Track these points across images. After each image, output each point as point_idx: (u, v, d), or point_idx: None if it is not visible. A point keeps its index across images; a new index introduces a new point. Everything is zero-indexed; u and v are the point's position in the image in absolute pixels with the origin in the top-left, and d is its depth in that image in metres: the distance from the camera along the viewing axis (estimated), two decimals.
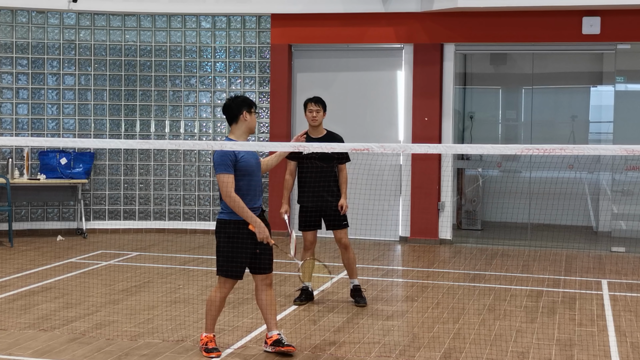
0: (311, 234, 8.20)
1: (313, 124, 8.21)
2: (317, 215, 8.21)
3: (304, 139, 7.46)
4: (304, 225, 8.20)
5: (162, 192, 13.08)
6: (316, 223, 8.24)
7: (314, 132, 8.25)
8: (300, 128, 12.92)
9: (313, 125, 8.23)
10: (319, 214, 8.21)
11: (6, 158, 12.40)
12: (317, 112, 8.18)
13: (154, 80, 13.01)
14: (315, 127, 8.24)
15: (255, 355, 6.50)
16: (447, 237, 12.34)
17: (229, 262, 6.37)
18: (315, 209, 8.19)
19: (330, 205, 8.20)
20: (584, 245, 12.16)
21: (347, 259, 8.36)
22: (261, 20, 12.84)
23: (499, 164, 14.13)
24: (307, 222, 8.20)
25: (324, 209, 8.20)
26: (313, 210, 8.19)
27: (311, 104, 8.21)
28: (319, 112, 8.19)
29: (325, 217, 8.24)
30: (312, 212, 8.19)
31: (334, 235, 8.32)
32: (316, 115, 8.17)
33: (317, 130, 8.25)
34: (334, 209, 8.20)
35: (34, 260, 10.54)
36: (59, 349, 6.59)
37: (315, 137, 8.19)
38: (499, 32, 12.11)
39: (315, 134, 8.24)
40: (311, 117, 8.19)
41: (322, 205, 8.18)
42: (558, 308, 8.26)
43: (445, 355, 6.55)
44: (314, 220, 8.22)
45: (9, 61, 12.61)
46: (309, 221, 8.19)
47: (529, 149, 5.89)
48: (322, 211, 8.20)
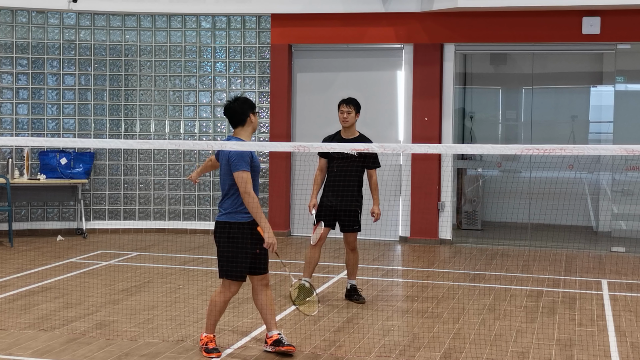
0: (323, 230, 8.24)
1: (344, 124, 8.26)
2: (333, 214, 8.27)
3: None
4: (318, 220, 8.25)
5: (162, 192, 13.08)
6: (330, 222, 8.29)
7: (345, 133, 8.32)
8: (300, 128, 12.94)
9: (344, 127, 8.28)
10: (335, 213, 8.26)
11: (6, 158, 12.40)
12: (349, 114, 8.21)
13: (154, 80, 13.01)
14: (347, 128, 8.29)
15: (255, 355, 6.50)
16: (447, 237, 12.34)
17: (232, 264, 6.35)
18: (332, 208, 8.25)
19: (347, 208, 8.25)
20: (584, 245, 12.16)
21: (352, 259, 8.44)
22: (261, 20, 12.84)
23: (499, 164, 14.13)
24: (321, 219, 8.25)
25: (340, 209, 8.25)
26: (330, 209, 8.25)
27: (343, 105, 8.27)
28: (350, 114, 8.22)
29: (339, 219, 8.30)
30: (329, 211, 8.25)
31: (344, 237, 8.40)
32: (347, 117, 8.21)
33: (349, 131, 8.30)
34: (350, 211, 8.26)
35: (34, 260, 10.54)
36: (59, 349, 6.59)
37: (347, 139, 8.25)
38: (499, 32, 12.11)
39: (347, 135, 8.30)
40: (342, 117, 8.24)
41: (339, 205, 8.24)
42: (558, 308, 8.26)
43: (445, 355, 6.55)
44: (329, 218, 8.27)
45: (9, 61, 12.61)
46: (324, 219, 8.25)
47: (529, 149, 5.89)
48: (339, 212, 8.25)
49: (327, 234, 8.32)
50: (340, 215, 8.27)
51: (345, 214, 8.25)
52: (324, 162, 8.37)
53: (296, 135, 12.98)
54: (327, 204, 8.28)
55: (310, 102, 12.90)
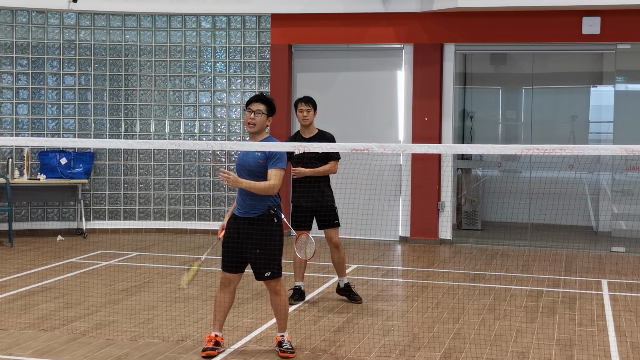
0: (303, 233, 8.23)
1: (304, 123, 8.30)
2: (310, 215, 8.27)
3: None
4: (297, 225, 8.25)
5: (162, 192, 13.07)
6: (309, 223, 8.30)
7: (305, 132, 8.35)
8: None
9: (304, 125, 8.31)
10: (311, 213, 8.27)
11: (6, 158, 12.40)
12: (308, 112, 8.27)
13: (154, 80, 13.01)
14: (306, 127, 8.33)
15: (256, 356, 6.50)
16: (447, 237, 12.34)
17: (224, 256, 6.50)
18: (308, 208, 8.24)
19: (322, 205, 8.26)
20: (584, 245, 12.16)
21: (338, 257, 8.40)
22: (261, 20, 12.84)
23: (499, 164, 14.13)
24: (300, 222, 8.26)
25: (316, 208, 8.25)
26: (306, 209, 8.25)
27: (301, 104, 8.30)
28: (310, 112, 8.28)
29: (317, 216, 8.30)
30: (305, 212, 8.25)
31: (325, 235, 8.37)
32: (307, 115, 8.26)
33: (309, 129, 8.34)
34: (326, 208, 8.27)
35: (34, 260, 10.54)
36: (59, 349, 6.59)
37: (306, 137, 8.26)
38: (499, 32, 12.11)
39: (306, 134, 8.33)
40: (302, 116, 8.28)
41: (314, 204, 8.24)
42: (558, 308, 8.26)
43: (445, 355, 6.55)
44: (307, 220, 8.28)
45: (9, 61, 12.61)
46: (302, 221, 8.25)
47: (529, 149, 5.89)
48: (315, 211, 8.25)
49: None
50: (318, 214, 8.27)
51: (323, 211, 8.26)
52: (288, 165, 8.36)
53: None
54: (303, 206, 8.26)
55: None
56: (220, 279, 6.55)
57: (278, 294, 6.50)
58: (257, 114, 6.43)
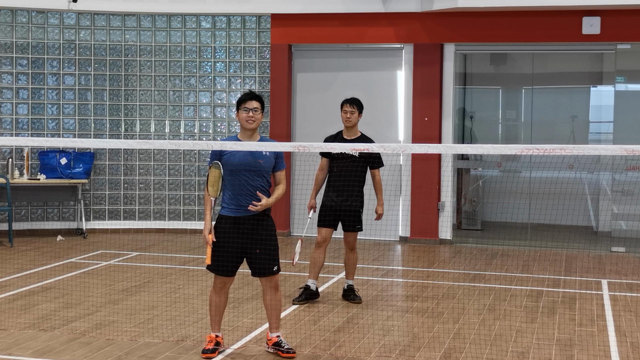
0: (326, 230, 8.25)
1: (347, 124, 8.27)
2: (336, 214, 8.28)
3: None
4: (321, 221, 8.28)
5: (162, 192, 13.08)
6: (334, 222, 8.30)
7: (347, 133, 8.32)
8: (300, 128, 12.94)
9: (347, 126, 8.29)
10: (338, 213, 8.27)
11: (6, 158, 12.39)
12: (352, 114, 8.23)
13: (154, 80, 13.01)
14: (349, 128, 8.30)
15: (256, 355, 6.50)
16: (447, 237, 12.34)
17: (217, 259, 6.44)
18: (334, 208, 8.25)
19: (349, 207, 8.25)
20: (584, 245, 12.16)
21: (350, 259, 8.45)
22: (261, 20, 12.84)
23: (499, 164, 14.13)
24: (324, 219, 8.27)
25: (343, 209, 8.25)
26: (333, 209, 8.26)
27: (346, 105, 8.28)
28: (354, 114, 8.24)
29: (342, 218, 8.30)
30: (332, 211, 8.26)
31: (344, 237, 8.40)
32: (350, 116, 8.23)
33: (351, 131, 8.32)
34: (351, 212, 8.26)
35: (34, 260, 10.54)
36: (59, 349, 6.58)
37: (348, 139, 8.26)
38: (499, 32, 12.11)
39: (349, 135, 8.31)
40: (345, 117, 8.25)
41: (341, 205, 8.24)
42: (558, 308, 8.26)
43: (445, 355, 6.55)
44: (332, 219, 8.28)
45: (9, 61, 12.61)
46: (327, 219, 8.27)
47: (529, 149, 5.89)
48: (341, 211, 8.25)
49: (330, 235, 8.31)
50: (343, 215, 8.28)
51: (348, 213, 8.25)
52: (325, 162, 8.37)
53: (296, 135, 12.98)
54: (328, 204, 8.28)
55: (310, 102, 12.90)
56: (214, 283, 6.50)
57: (278, 289, 6.55)
58: (255, 111, 6.46)
